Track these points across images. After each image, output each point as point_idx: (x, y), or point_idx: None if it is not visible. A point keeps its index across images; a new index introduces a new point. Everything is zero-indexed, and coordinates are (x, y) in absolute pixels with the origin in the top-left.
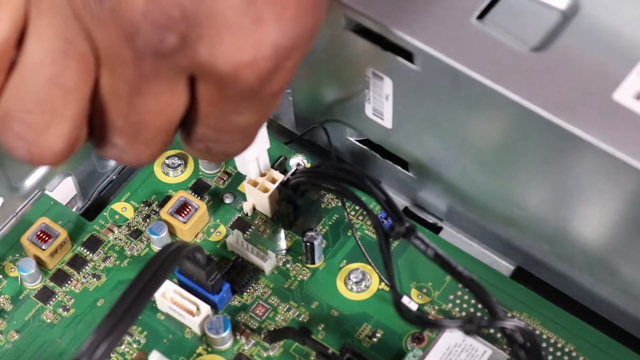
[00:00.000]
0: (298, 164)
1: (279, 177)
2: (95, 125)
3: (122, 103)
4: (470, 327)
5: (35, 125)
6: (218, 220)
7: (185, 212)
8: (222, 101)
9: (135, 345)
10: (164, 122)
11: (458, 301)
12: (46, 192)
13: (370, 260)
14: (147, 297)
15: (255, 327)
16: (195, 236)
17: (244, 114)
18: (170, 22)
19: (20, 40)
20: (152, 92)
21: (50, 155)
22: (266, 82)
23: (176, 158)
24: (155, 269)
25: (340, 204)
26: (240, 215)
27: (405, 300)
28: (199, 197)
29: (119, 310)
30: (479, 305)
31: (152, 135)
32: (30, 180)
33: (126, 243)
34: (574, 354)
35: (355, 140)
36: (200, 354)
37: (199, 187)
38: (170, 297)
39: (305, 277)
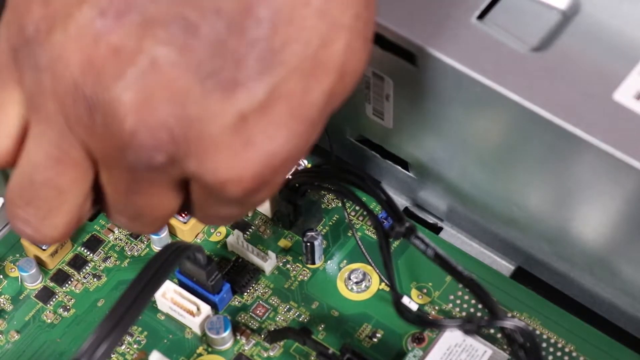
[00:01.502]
0: (298, 164)
1: None
2: (104, 205)
3: (120, 196)
4: (470, 327)
5: (33, 216)
6: None
7: (186, 212)
8: (209, 199)
9: (135, 346)
10: (160, 215)
11: (458, 301)
12: None
13: (370, 260)
14: (148, 298)
15: (255, 327)
16: (196, 236)
17: (231, 210)
18: (158, 143)
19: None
20: (146, 194)
21: (50, 240)
22: (252, 195)
23: None
24: (155, 269)
25: (340, 204)
26: None
27: (405, 300)
28: None
29: (119, 310)
30: (479, 305)
31: (150, 221)
32: None
33: (126, 243)
34: (574, 354)
35: (355, 140)
36: (200, 354)
37: None
38: (170, 297)
39: (305, 278)
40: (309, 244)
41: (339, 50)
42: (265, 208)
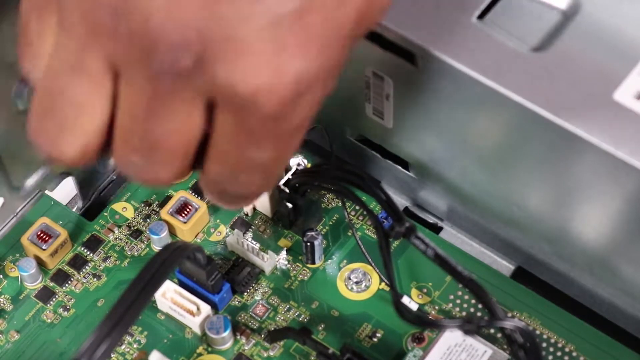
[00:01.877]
0: (298, 164)
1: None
2: (116, 140)
3: (138, 122)
4: (470, 327)
5: (50, 130)
6: (218, 220)
7: (186, 212)
8: (240, 132)
9: (135, 345)
10: (179, 145)
11: (458, 301)
12: (46, 192)
13: (370, 260)
14: (148, 297)
15: (255, 327)
16: (196, 236)
17: (263, 149)
18: (186, 43)
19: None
20: (167, 112)
21: (65, 159)
22: (285, 112)
23: None
24: (155, 269)
25: (340, 204)
26: (240, 215)
27: (405, 300)
28: (199, 197)
29: (119, 310)
30: (479, 305)
31: (167, 157)
32: (31, 181)
33: (126, 243)
34: (574, 354)
35: (355, 140)
36: (200, 354)
37: (199, 187)
38: (170, 297)
39: (305, 277)
40: (309, 243)
41: None
42: (265, 208)
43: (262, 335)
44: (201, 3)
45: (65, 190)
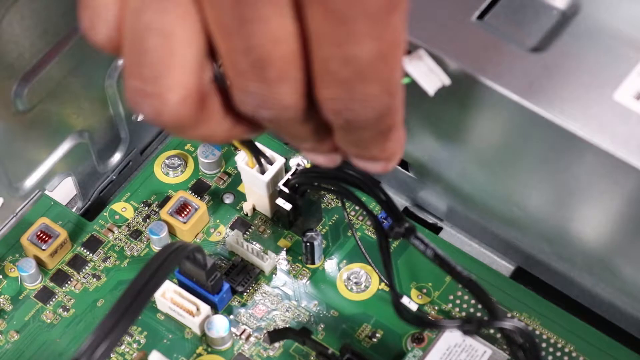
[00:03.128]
0: (298, 164)
1: (277, 158)
2: (227, 73)
3: (234, 38)
4: (469, 327)
5: (147, 78)
6: (218, 221)
7: (185, 213)
8: (331, 23)
9: (135, 346)
10: (283, 51)
11: (458, 301)
12: (46, 192)
13: (370, 260)
14: (147, 297)
15: (255, 327)
16: (195, 236)
17: (363, 41)
18: None
19: None
20: (258, 17)
21: (172, 108)
22: None
23: (176, 158)
24: (155, 269)
25: (340, 204)
26: (240, 215)
27: (405, 300)
28: (199, 197)
29: (118, 310)
30: (479, 306)
31: (279, 70)
32: (30, 180)
33: (126, 243)
34: (574, 354)
35: None
36: (200, 354)
37: (199, 187)
38: (170, 297)
39: (305, 278)
40: (308, 244)
41: None
42: (265, 208)
43: (262, 336)
44: None
45: (65, 190)
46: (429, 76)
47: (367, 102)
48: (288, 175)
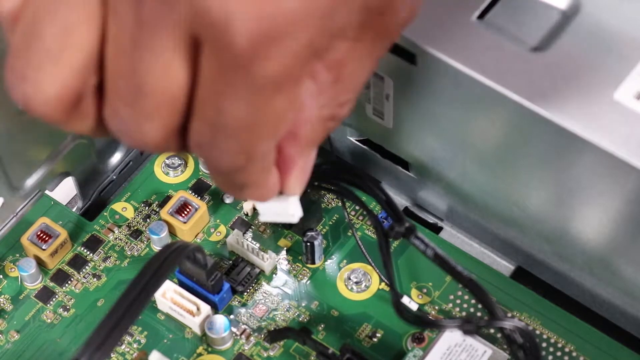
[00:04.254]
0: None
1: None
2: (105, 89)
3: (123, 59)
4: (469, 327)
5: (31, 62)
6: (218, 220)
7: (186, 212)
8: (217, 73)
9: (135, 345)
10: (165, 92)
11: (458, 301)
12: (46, 192)
13: (370, 260)
14: (148, 297)
15: (255, 327)
16: (196, 236)
17: (238, 99)
18: None
19: None
20: (151, 47)
21: (42, 99)
22: (259, 52)
23: (176, 158)
24: (155, 269)
25: (340, 203)
26: (240, 215)
27: (405, 300)
28: (199, 197)
29: (119, 310)
30: (480, 306)
31: (153, 105)
32: (31, 180)
33: (126, 243)
34: (574, 354)
35: (356, 140)
36: (200, 354)
37: (199, 187)
38: (170, 297)
39: (305, 277)
40: (309, 243)
41: None
42: None
43: (262, 335)
44: None
45: (65, 190)
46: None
47: (223, 156)
48: None
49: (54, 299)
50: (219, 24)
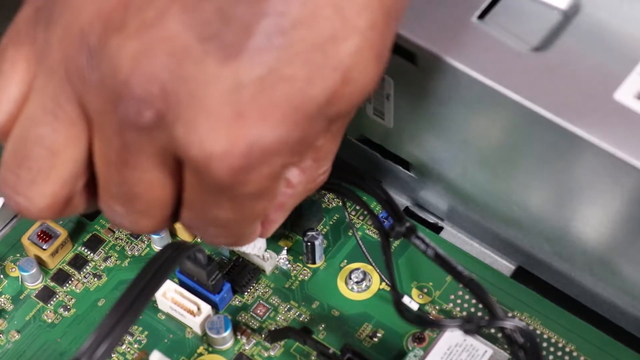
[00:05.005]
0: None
1: None
2: (98, 187)
3: (113, 171)
4: (470, 326)
5: (22, 179)
6: None
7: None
8: (201, 190)
9: (136, 345)
10: (153, 197)
11: (459, 301)
12: None
13: (371, 260)
14: (148, 297)
15: (256, 326)
16: (196, 236)
17: (223, 209)
18: (149, 97)
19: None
20: (138, 165)
21: (36, 211)
22: (238, 181)
23: None
24: (156, 269)
25: (340, 203)
26: None
27: (406, 300)
28: None
29: (119, 310)
30: (480, 305)
31: (145, 207)
32: None
33: (127, 243)
34: (574, 353)
35: (356, 140)
36: (201, 354)
37: None
38: (171, 297)
39: (306, 277)
40: (309, 243)
41: (347, 51)
42: None
43: (263, 335)
44: (168, 59)
45: None
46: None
47: (214, 238)
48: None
49: (54, 299)
50: (199, 161)
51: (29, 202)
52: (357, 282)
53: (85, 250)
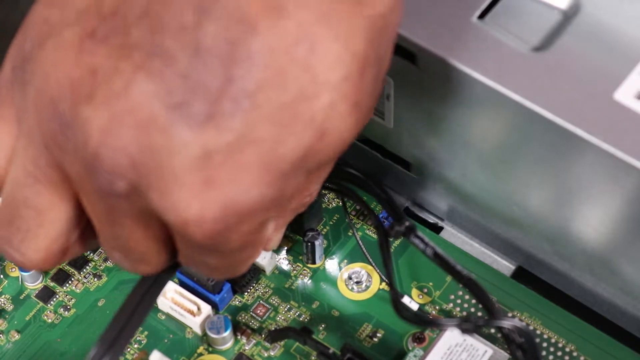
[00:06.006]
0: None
1: None
2: (97, 234)
3: (104, 227)
4: (467, 326)
5: (14, 236)
6: None
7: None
8: (187, 245)
9: (136, 345)
10: (146, 250)
11: (459, 301)
12: None
13: (370, 260)
14: (151, 302)
15: (256, 327)
16: None
17: (212, 259)
18: (118, 169)
19: None
20: (125, 225)
21: (33, 263)
22: (219, 241)
23: None
24: (157, 274)
25: (340, 203)
26: None
27: (406, 300)
28: None
29: (128, 309)
30: (480, 305)
31: (139, 257)
32: None
33: None
34: (574, 353)
35: (356, 140)
36: (201, 354)
37: None
38: (171, 297)
39: (306, 277)
40: (309, 243)
41: (319, 107)
42: None
43: (263, 335)
44: (135, 131)
45: None
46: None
47: (211, 275)
48: None
49: (54, 299)
50: (177, 225)
51: (24, 258)
52: (357, 282)
53: None
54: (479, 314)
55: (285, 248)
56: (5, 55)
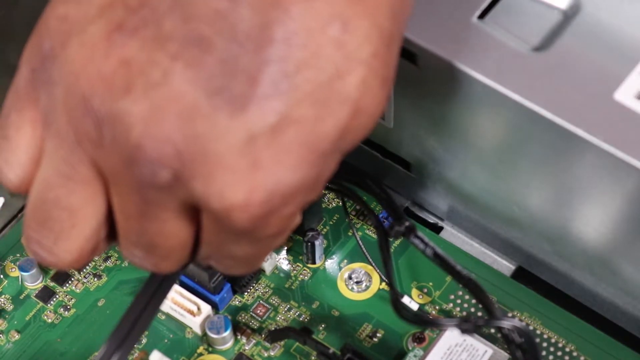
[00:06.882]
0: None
1: None
2: (118, 234)
3: (132, 223)
4: (467, 326)
5: (46, 238)
6: None
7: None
8: (219, 232)
9: (136, 345)
10: (174, 245)
11: (459, 301)
12: None
13: (370, 260)
14: (161, 299)
15: (256, 327)
16: None
17: (242, 246)
18: (162, 158)
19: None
20: (157, 218)
21: (65, 264)
22: (260, 226)
23: None
24: (161, 279)
25: (340, 203)
26: None
27: (406, 300)
28: None
29: (126, 323)
30: (480, 305)
31: (165, 253)
32: None
33: None
34: (574, 353)
35: None
36: (201, 354)
37: None
38: (171, 296)
39: (306, 277)
40: (309, 243)
41: (353, 84)
42: None
43: (263, 335)
44: (178, 119)
45: None
46: None
47: (232, 269)
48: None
49: (54, 299)
50: (220, 212)
51: (57, 259)
52: (357, 282)
53: None
54: (479, 314)
55: (285, 248)
56: (5, 56)
